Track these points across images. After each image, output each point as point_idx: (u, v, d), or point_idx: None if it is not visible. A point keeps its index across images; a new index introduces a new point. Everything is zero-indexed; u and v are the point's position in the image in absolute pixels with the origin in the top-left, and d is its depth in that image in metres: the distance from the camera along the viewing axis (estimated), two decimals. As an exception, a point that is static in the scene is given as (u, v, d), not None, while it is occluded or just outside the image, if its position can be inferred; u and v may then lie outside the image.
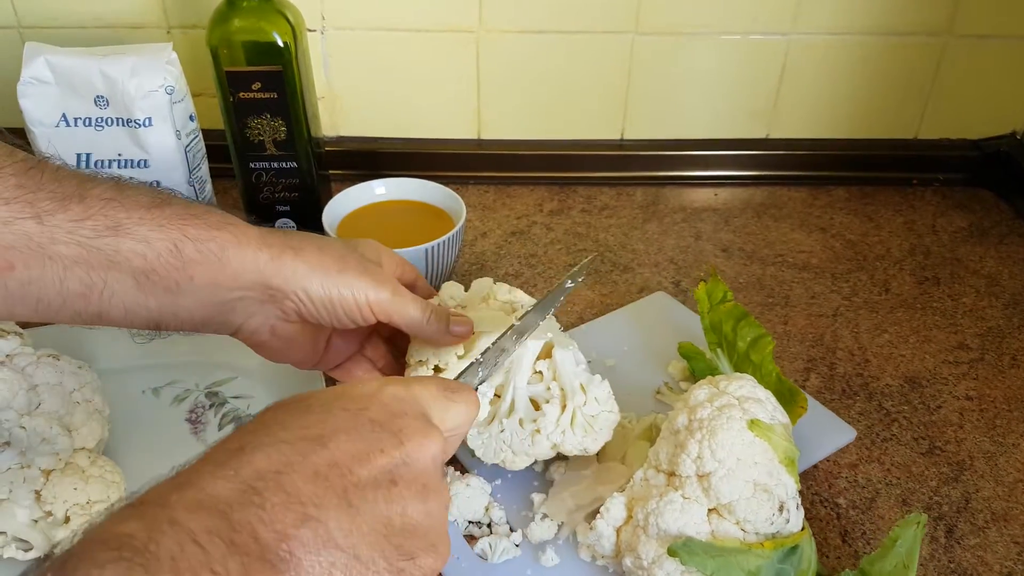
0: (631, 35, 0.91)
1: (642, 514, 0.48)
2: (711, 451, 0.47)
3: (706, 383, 0.53)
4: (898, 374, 0.70)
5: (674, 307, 0.76)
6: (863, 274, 0.83)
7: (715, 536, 0.47)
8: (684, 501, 0.47)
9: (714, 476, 0.47)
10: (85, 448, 0.54)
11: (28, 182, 0.42)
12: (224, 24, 0.72)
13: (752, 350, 0.60)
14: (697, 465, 0.48)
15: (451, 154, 0.97)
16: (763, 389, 0.53)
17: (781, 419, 0.52)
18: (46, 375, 0.54)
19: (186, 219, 0.46)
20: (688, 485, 0.48)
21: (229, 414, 0.64)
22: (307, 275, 0.49)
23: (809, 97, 0.96)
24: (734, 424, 0.48)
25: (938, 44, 0.92)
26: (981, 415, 0.66)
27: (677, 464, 0.49)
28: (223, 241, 0.47)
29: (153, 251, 0.45)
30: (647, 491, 0.50)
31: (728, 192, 0.97)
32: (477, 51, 0.92)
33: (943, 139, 0.99)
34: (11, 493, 0.51)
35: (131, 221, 0.44)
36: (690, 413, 0.51)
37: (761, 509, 0.47)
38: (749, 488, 0.47)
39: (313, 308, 0.50)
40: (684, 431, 0.50)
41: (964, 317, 0.77)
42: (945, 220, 0.92)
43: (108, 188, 0.45)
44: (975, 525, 0.57)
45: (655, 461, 0.51)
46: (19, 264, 0.42)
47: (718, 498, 0.47)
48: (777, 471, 0.48)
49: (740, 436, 0.48)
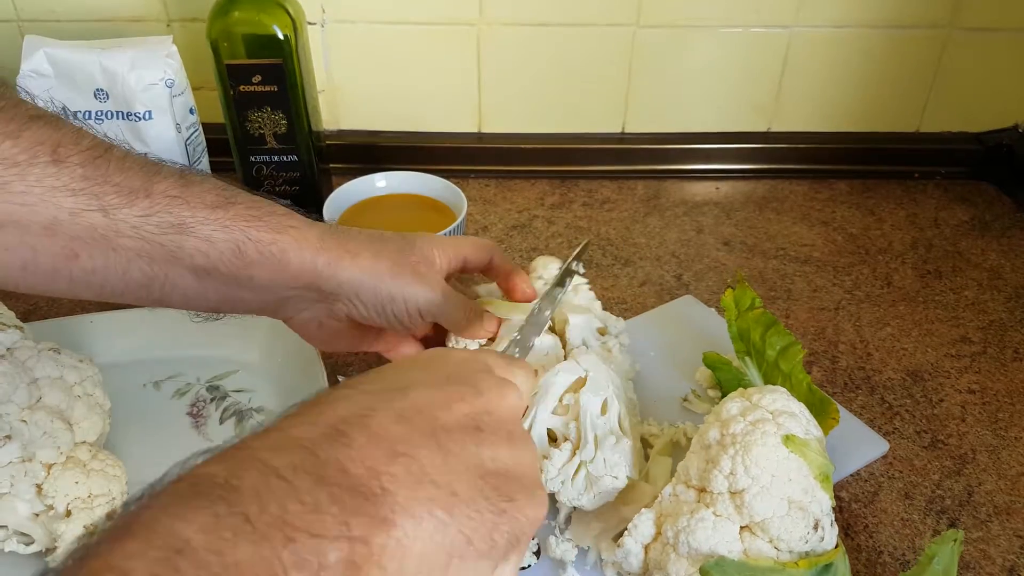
0: (632, 28, 0.90)
1: (672, 531, 0.47)
2: (745, 467, 0.46)
3: (738, 396, 0.52)
4: (900, 367, 0.70)
5: (702, 312, 0.75)
6: (865, 267, 0.83)
7: (747, 554, 0.46)
8: (716, 518, 0.46)
9: (748, 493, 0.46)
10: (86, 442, 0.54)
11: (94, 173, 0.42)
12: (224, 17, 0.72)
13: (781, 358, 0.59)
14: (730, 481, 0.47)
15: (452, 147, 0.97)
16: (796, 402, 0.51)
17: (815, 433, 0.50)
18: (47, 369, 0.54)
19: (250, 221, 0.47)
20: (720, 502, 0.47)
21: (230, 408, 0.64)
22: (361, 281, 0.50)
23: (811, 90, 0.95)
24: (768, 440, 0.47)
25: (940, 37, 0.92)
26: (983, 408, 0.66)
27: (708, 480, 0.47)
28: (284, 244, 0.48)
29: (216, 251, 0.46)
30: (676, 507, 0.48)
31: (730, 186, 0.97)
32: (478, 44, 0.91)
33: (945, 132, 0.99)
34: (12, 487, 0.51)
35: (195, 220, 0.45)
36: (722, 428, 0.49)
37: (796, 527, 0.46)
38: (784, 506, 0.46)
39: (365, 311, 0.52)
40: (716, 446, 0.48)
41: (966, 310, 0.77)
42: (947, 213, 0.92)
43: (174, 183, 0.45)
44: (978, 519, 0.57)
45: (684, 476, 0.50)
46: (83, 254, 0.43)
47: (751, 516, 0.46)
48: (812, 488, 0.47)
49: (775, 452, 0.47)
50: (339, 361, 0.69)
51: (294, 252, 0.48)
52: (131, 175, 0.43)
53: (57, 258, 0.43)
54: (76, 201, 0.42)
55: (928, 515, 0.57)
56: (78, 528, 0.50)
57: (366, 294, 0.51)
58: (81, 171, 0.42)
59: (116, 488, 0.53)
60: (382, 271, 0.51)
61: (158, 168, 0.45)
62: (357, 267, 0.50)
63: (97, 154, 0.43)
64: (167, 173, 0.45)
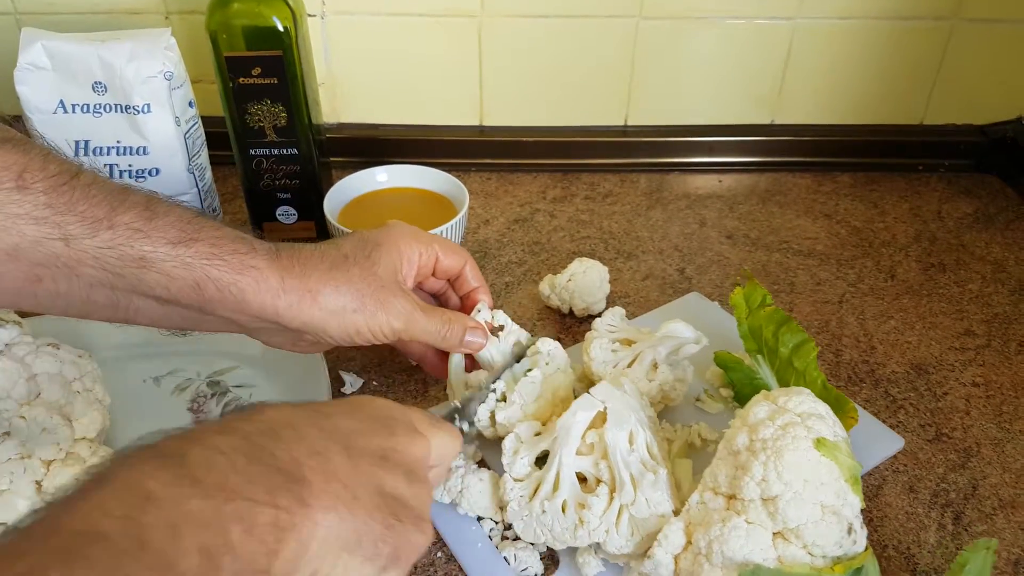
0: (635, 19, 0.90)
1: (704, 541, 0.46)
2: (777, 473, 0.45)
3: (763, 399, 0.51)
4: (904, 361, 0.70)
5: (709, 309, 0.74)
6: (868, 260, 0.82)
7: (782, 561, 0.45)
8: (749, 526, 0.45)
9: (781, 499, 0.45)
10: (86, 438, 0.53)
11: (58, 200, 0.43)
12: (223, 9, 0.71)
13: (795, 356, 0.58)
14: (762, 488, 0.46)
15: (453, 141, 0.96)
16: (822, 403, 0.50)
17: (842, 434, 0.49)
18: (45, 364, 0.53)
19: (210, 259, 0.47)
20: (752, 509, 0.46)
21: (231, 403, 0.64)
22: (324, 320, 0.50)
23: (814, 82, 0.95)
24: (800, 444, 0.46)
25: (944, 29, 0.91)
26: (988, 401, 0.65)
27: (739, 487, 0.47)
28: (243, 285, 0.47)
29: (176, 285, 0.46)
30: (706, 516, 0.48)
31: (733, 178, 0.97)
32: (479, 36, 0.91)
33: (949, 125, 0.98)
34: (12, 484, 0.50)
35: (156, 256, 0.45)
36: (751, 433, 0.48)
37: (831, 532, 0.45)
38: (817, 511, 0.45)
39: (335, 340, 0.52)
40: (745, 452, 0.48)
41: (970, 303, 0.76)
42: (951, 206, 0.92)
43: (138, 215, 0.45)
44: (983, 512, 0.56)
45: (712, 483, 0.49)
46: (47, 278, 0.44)
47: (785, 522, 0.45)
48: (844, 491, 0.46)
49: (806, 456, 0.46)
50: (340, 356, 0.69)
51: (253, 294, 0.48)
52: (95, 204, 0.43)
53: (21, 281, 0.44)
54: (39, 229, 0.42)
55: (933, 509, 0.57)
56: (78, 524, 0.50)
57: (333, 329, 0.51)
58: (45, 198, 0.42)
59: (116, 484, 0.52)
60: (345, 307, 0.50)
61: (124, 197, 0.45)
62: (318, 307, 0.50)
63: (62, 181, 0.43)
64: (132, 203, 0.45)
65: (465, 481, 0.54)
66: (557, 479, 0.50)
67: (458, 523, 0.55)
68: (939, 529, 0.55)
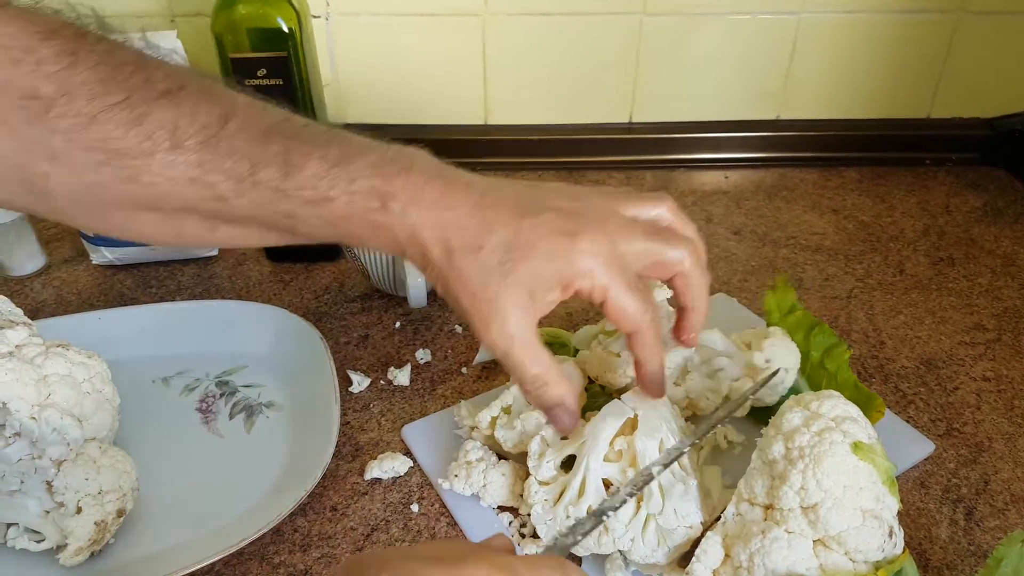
0: (639, 16, 0.90)
1: (744, 554, 0.45)
2: (817, 481, 0.45)
3: (795, 405, 0.50)
4: (914, 356, 0.69)
5: (736, 309, 0.74)
6: (877, 255, 0.82)
7: (824, 570, 0.45)
8: (789, 536, 0.45)
9: (821, 507, 0.44)
10: (96, 438, 0.54)
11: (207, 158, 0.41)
12: (228, 10, 0.72)
13: (827, 358, 0.58)
14: (801, 497, 0.45)
15: (458, 140, 0.96)
16: (852, 405, 0.50)
17: (874, 435, 0.49)
18: (56, 366, 0.53)
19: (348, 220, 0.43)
20: (792, 519, 0.45)
21: (240, 403, 0.64)
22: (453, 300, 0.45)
23: (820, 77, 0.94)
24: (837, 449, 0.45)
25: (950, 21, 0.91)
26: (999, 396, 0.65)
27: (777, 497, 0.46)
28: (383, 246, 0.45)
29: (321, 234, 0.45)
30: (744, 528, 0.47)
31: (739, 175, 0.96)
32: (483, 35, 0.91)
33: (956, 118, 0.98)
34: (23, 484, 0.51)
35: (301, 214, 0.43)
36: (786, 441, 0.47)
37: (872, 537, 0.45)
38: (858, 516, 0.45)
39: None
40: (783, 460, 0.47)
41: (980, 297, 0.76)
42: (959, 200, 0.91)
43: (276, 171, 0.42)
44: (994, 507, 0.56)
45: (748, 494, 0.48)
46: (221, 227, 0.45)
47: (826, 530, 0.44)
48: (882, 494, 0.46)
49: (845, 461, 0.45)
50: (347, 356, 0.69)
51: None
52: (238, 160, 0.41)
53: (200, 229, 0.44)
54: (196, 190, 0.41)
55: (944, 504, 0.56)
56: (89, 524, 0.50)
57: None
58: (196, 156, 0.41)
59: (126, 484, 0.52)
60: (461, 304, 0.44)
61: (265, 146, 0.42)
62: None
63: (211, 132, 0.41)
64: (272, 156, 0.42)
65: (488, 477, 0.54)
66: (583, 485, 0.49)
67: (480, 518, 0.55)
68: (951, 525, 0.55)
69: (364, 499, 0.57)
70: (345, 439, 0.61)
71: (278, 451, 0.60)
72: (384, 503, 0.56)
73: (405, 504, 0.56)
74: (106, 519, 0.51)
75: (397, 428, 0.62)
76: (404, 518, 0.55)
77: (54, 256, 0.82)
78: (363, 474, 0.58)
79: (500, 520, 0.54)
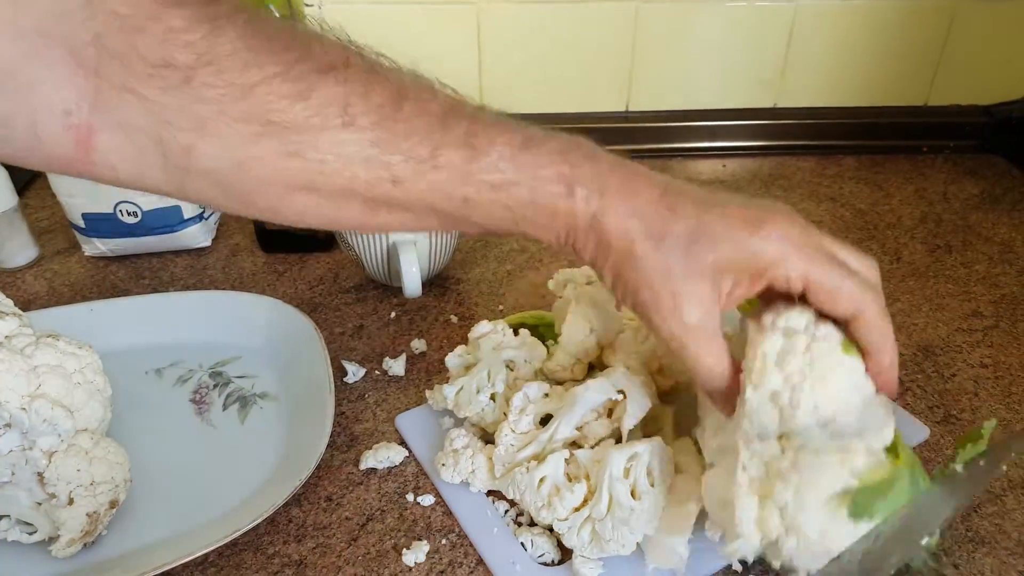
0: (635, 3, 0.89)
1: (788, 493, 0.42)
2: (828, 395, 0.43)
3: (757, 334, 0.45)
4: (911, 343, 0.69)
5: None
6: (874, 243, 0.82)
7: (858, 476, 0.42)
8: (818, 457, 0.42)
9: (838, 416, 0.43)
10: (87, 429, 0.53)
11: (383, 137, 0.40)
12: (219, -2, 0.71)
13: None
14: (816, 416, 0.43)
15: (453, 129, 0.96)
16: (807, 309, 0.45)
17: None
18: (45, 356, 0.53)
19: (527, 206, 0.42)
20: (814, 437, 0.43)
21: (234, 394, 0.63)
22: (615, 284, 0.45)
23: (817, 64, 0.94)
24: (833, 359, 0.43)
25: (948, 8, 0.90)
26: (996, 383, 0.65)
27: (791, 422, 0.43)
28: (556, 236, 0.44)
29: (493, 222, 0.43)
30: (766, 468, 0.44)
31: (736, 163, 0.96)
32: (478, 22, 0.90)
33: (953, 105, 0.97)
34: (13, 476, 0.50)
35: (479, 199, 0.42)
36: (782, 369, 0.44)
37: (875, 418, 0.43)
38: (862, 406, 0.43)
39: None
40: (786, 390, 0.43)
41: (977, 284, 0.76)
42: (956, 187, 0.91)
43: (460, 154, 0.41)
44: (992, 493, 0.56)
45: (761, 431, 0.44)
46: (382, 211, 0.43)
47: (846, 435, 0.43)
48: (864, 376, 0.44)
49: (843, 364, 0.43)
50: (342, 346, 0.68)
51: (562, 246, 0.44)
52: (418, 142, 0.40)
53: (359, 213, 0.42)
54: (368, 170, 0.40)
55: (942, 491, 0.56)
56: (81, 516, 0.49)
57: None
58: (371, 135, 0.39)
59: (119, 475, 0.52)
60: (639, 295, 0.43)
61: (446, 128, 0.41)
62: None
63: (386, 113, 0.40)
64: (454, 139, 0.41)
65: (475, 462, 0.54)
66: (550, 441, 0.52)
67: (473, 506, 0.54)
68: (948, 511, 0.55)
69: (359, 489, 0.56)
70: (340, 429, 0.61)
71: (272, 442, 0.59)
72: (379, 493, 0.56)
73: (400, 493, 0.56)
74: (98, 510, 0.50)
75: (392, 418, 0.62)
76: (399, 507, 0.55)
77: (46, 248, 0.81)
78: (358, 464, 0.58)
79: (495, 508, 0.54)
